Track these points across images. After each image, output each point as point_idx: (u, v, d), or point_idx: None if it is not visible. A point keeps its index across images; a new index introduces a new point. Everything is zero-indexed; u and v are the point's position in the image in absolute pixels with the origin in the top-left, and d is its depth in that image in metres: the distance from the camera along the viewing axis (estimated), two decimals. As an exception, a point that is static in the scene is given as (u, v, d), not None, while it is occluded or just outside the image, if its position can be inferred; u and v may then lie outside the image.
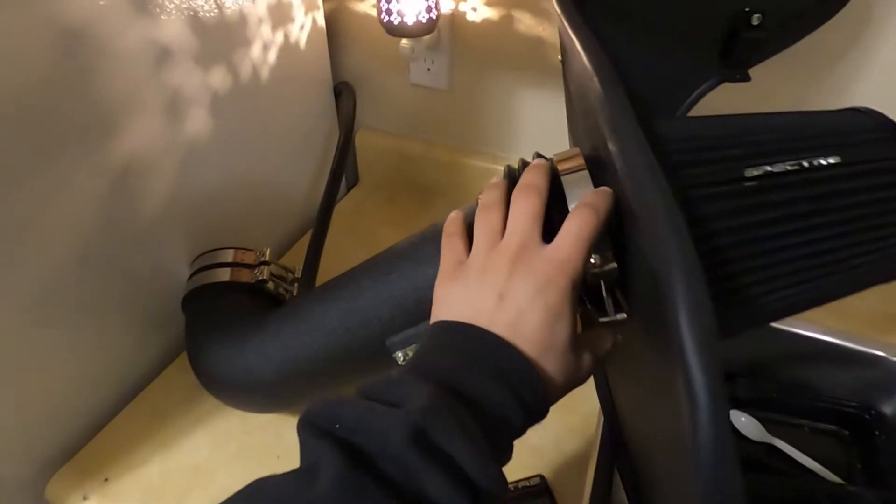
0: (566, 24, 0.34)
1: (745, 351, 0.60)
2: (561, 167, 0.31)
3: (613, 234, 0.28)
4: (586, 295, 0.32)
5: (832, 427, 0.57)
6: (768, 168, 0.27)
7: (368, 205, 0.77)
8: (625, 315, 0.30)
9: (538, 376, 0.24)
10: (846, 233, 0.27)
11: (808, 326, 0.57)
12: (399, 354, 0.35)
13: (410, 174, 0.76)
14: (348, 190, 0.80)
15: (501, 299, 0.25)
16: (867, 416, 0.55)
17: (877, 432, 0.54)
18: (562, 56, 0.41)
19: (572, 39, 0.32)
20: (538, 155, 0.34)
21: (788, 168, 0.27)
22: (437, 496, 0.19)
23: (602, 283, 0.29)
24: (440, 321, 0.26)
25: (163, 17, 0.43)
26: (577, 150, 0.32)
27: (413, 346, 0.34)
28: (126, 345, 0.49)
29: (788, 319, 0.57)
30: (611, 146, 0.25)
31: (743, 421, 0.58)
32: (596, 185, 0.30)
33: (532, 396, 0.24)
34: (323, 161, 0.71)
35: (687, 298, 0.18)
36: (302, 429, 0.21)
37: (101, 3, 0.38)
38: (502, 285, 0.25)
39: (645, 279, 0.25)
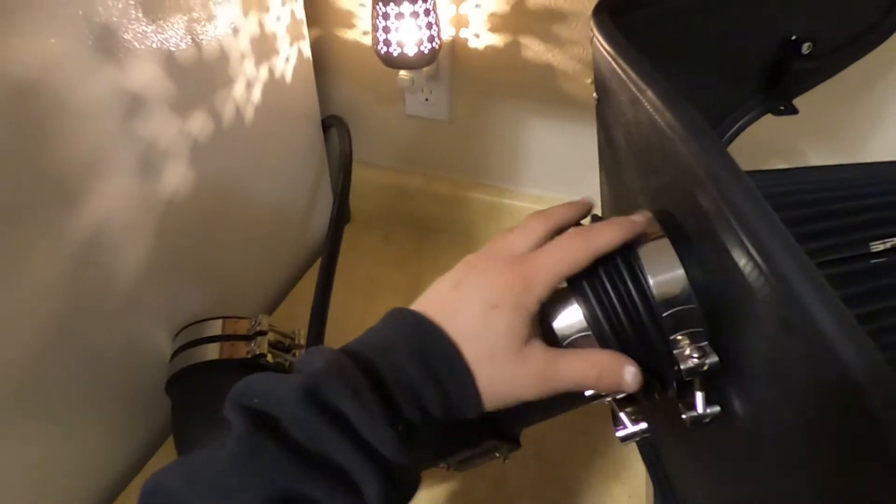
0: (617, 58, 0.30)
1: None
2: (642, 239, 0.26)
3: (716, 319, 0.24)
4: (671, 385, 0.27)
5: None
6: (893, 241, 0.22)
7: (363, 245, 0.71)
8: (718, 409, 0.25)
9: (463, 362, 0.23)
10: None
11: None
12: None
13: (408, 210, 0.71)
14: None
15: (455, 288, 0.25)
16: None
17: None
18: (599, 94, 0.37)
19: (633, 81, 0.27)
20: (597, 217, 0.29)
21: (917, 238, 0.22)
22: (339, 457, 0.20)
23: (696, 379, 0.25)
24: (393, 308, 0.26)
25: (131, 60, 0.37)
26: (646, 210, 0.28)
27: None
28: (103, 438, 0.42)
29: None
30: (720, 205, 0.20)
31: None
32: (682, 261, 0.25)
33: (454, 382, 0.23)
34: (311, 202, 0.65)
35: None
36: (227, 405, 0.22)
37: (57, 50, 0.32)
38: (462, 276, 0.25)
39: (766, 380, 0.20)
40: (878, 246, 0.22)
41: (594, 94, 0.37)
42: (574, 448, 0.49)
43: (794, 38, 0.37)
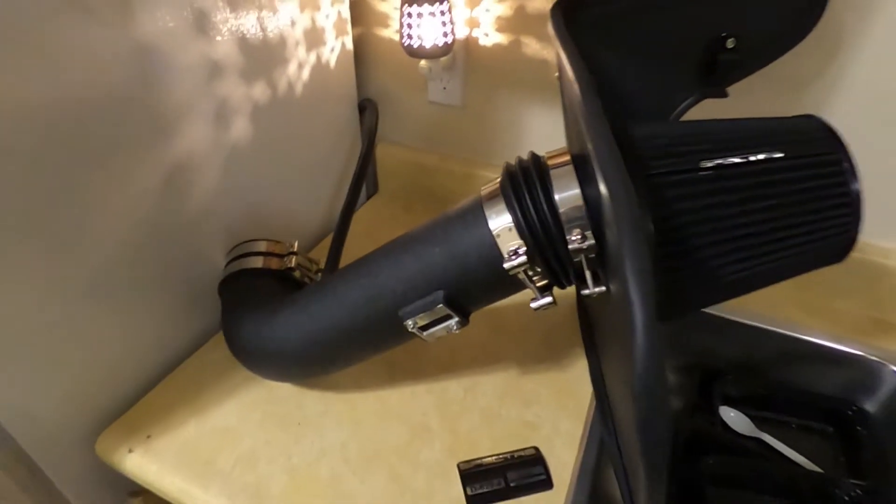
0: (560, 46, 0.40)
1: (736, 351, 0.64)
2: (551, 163, 0.37)
3: (594, 220, 0.34)
4: (571, 272, 0.37)
5: (818, 424, 0.60)
6: (720, 161, 0.32)
7: (386, 213, 0.84)
8: (603, 288, 0.35)
9: None
10: (789, 215, 0.32)
11: (796, 328, 0.61)
12: (409, 322, 0.40)
13: (426, 184, 0.83)
14: (368, 198, 0.87)
15: None
16: (850, 412, 0.58)
17: (859, 427, 0.57)
18: (558, 73, 0.47)
19: (564, 60, 0.38)
20: (532, 153, 0.39)
21: (738, 161, 0.32)
22: None
23: (583, 259, 0.34)
24: None
25: (217, 38, 0.51)
26: (565, 148, 0.38)
27: (422, 312, 0.39)
28: (169, 322, 0.55)
29: (777, 321, 0.61)
30: (588, 144, 0.31)
31: (732, 416, 0.61)
32: (579, 178, 0.35)
33: None
34: (345, 170, 0.78)
35: (632, 242, 0.23)
36: None
37: (170, 24, 0.46)
38: None
39: (614, 252, 0.30)
40: (706, 164, 0.32)
41: (556, 74, 0.48)
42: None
43: (723, 34, 0.47)
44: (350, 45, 0.71)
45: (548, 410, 0.51)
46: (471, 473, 0.46)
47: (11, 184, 0.38)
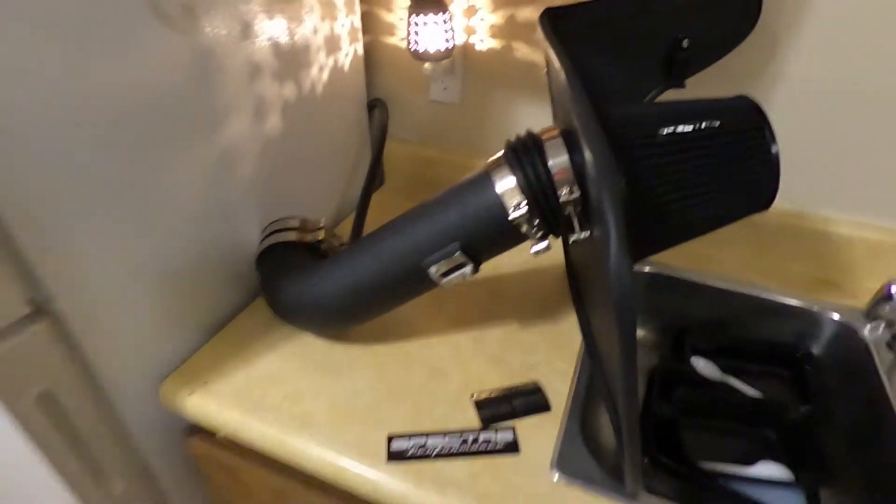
0: (549, 46, 0.50)
1: (704, 310, 0.74)
2: (544, 136, 0.46)
3: (579, 179, 0.43)
4: (561, 220, 0.46)
5: (774, 368, 0.70)
6: (674, 129, 0.42)
7: (393, 202, 0.93)
8: (588, 232, 0.44)
9: None
10: (726, 169, 0.42)
11: (754, 288, 0.71)
12: (432, 269, 0.49)
13: (429, 175, 0.92)
14: (375, 190, 0.96)
15: None
16: (798, 356, 0.68)
17: (807, 367, 0.68)
18: (547, 69, 0.57)
19: (552, 56, 0.48)
20: (529, 130, 0.49)
21: (688, 129, 0.42)
22: None
23: (572, 209, 0.44)
24: None
25: (257, 44, 0.60)
26: (554, 125, 0.48)
27: (442, 260, 0.48)
28: (217, 288, 0.63)
29: (739, 283, 0.71)
30: (574, 120, 0.40)
31: (702, 365, 0.71)
32: (567, 148, 0.45)
33: None
34: (356, 162, 0.87)
35: (611, 186, 0.32)
36: None
37: (223, 33, 0.55)
38: None
39: (597, 205, 0.40)
40: (663, 131, 0.42)
41: (545, 70, 0.57)
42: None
43: (679, 37, 0.57)
44: (361, 51, 0.81)
45: (544, 355, 0.61)
46: (483, 402, 0.55)
47: (102, 160, 0.46)
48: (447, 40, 0.73)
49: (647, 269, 0.74)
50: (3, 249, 0.41)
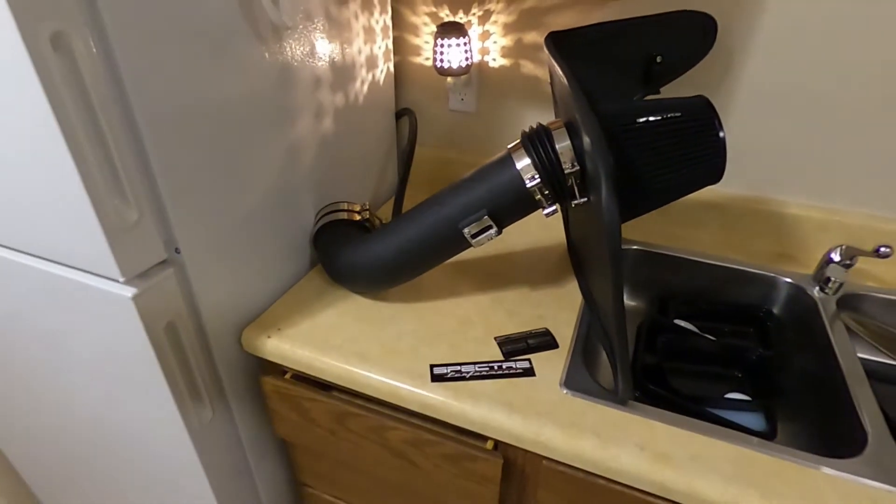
0: (553, 60, 0.65)
1: (685, 280, 0.88)
2: (552, 127, 0.61)
3: (578, 158, 0.58)
4: (566, 189, 0.61)
5: (741, 327, 0.84)
6: (646, 119, 0.57)
7: (417, 198, 1.06)
8: (587, 198, 0.59)
9: None
10: (687, 149, 0.56)
11: (726, 260, 0.85)
12: (466, 230, 0.63)
13: (448, 175, 1.07)
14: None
15: None
16: (761, 314, 0.82)
17: (768, 323, 0.81)
18: (550, 80, 0.72)
19: (556, 67, 0.63)
20: (539, 123, 0.64)
21: (657, 119, 0.57)
22: None
23: (573, 180, 0.59)
24: None
25: (319, 62, 0.75)
26: (556, 120, 0.63)
27: (474, 223, 0.62)
28: (283, 256, 0.77)
29: (713, 256, 0.86)
30: (575, 113, 0.55)
31: (683, 325, 0.85)
32: (569, 135, 0.60)
33: None
34: (384, 161, 1.02)
35: (605, 165, 0.47)
36: None
37: (298, 50, 0.70)
38: None
39: (593, 175, 0.54)
40: (639, 120, 0.56)
41: (549, 80, 0.73)
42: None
43: (654, 54, 0.73)
44: (392, 69, 0.96)
45: (552, 309, 0.74)
46: (504, 340, 0.68)
47: (211, 144, 0.61)
48: (466, 59, 0.89)
49: (634, 247, 0.89)
50: (155, 204, 0.55)
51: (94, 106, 0.46)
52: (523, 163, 0.60)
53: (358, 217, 0.79)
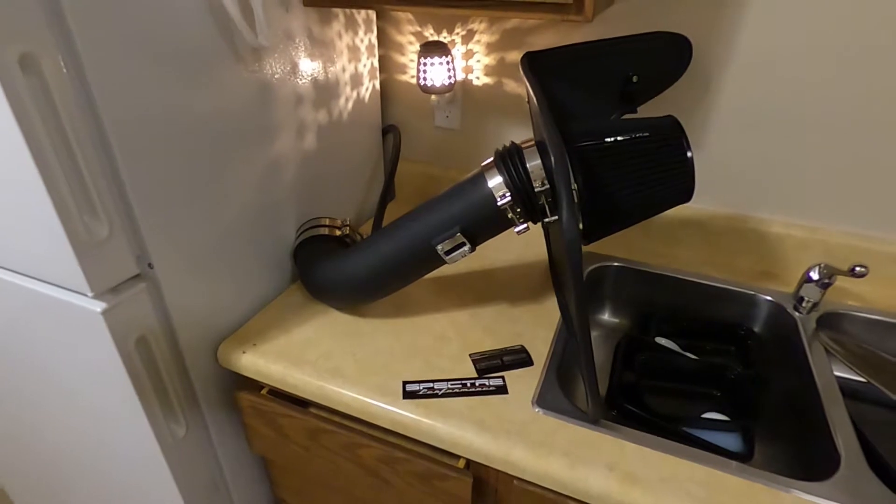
0: (526, 80, 0.66)
1: (666, 297, 0.88)
2: (523, 146, 0.62)
3: (548, 176, 0.58)
4: (537, 206, 0.61)
5: (723, 345, 0.84)
6: (614, 138, 0.57)
7: (402, 213, 1.07)
8: (556, 217, 0.59)
9: None
10: (656, 168, 0.57)
11: (707, 278, 0.85)
12: (439, 247, 0.63)
13: (432, 190, 1.07)
14: (389, 202, 1.11)
15: None
16: (742, 332, 0.82)
17: (749, 341, 0.81)
18: (528, 98, 0.73)
19: (529, 88, 0.64)
20: (512, 141, 0.64)
21: (625, 138, 0.57)
22: None
23: (544, 198, 0.59)
24: None
25: (301, 80, 0.76)
26: (531, 138, 0.63)
27: (447, 240, 0.63)
28: (262, 272, 0.77)
29: (695, 274, 0.86)
30: (544, 134, 0.56)
31: (664, 343, 0.84)
32: (540, 154, 0.60)
33: None
34: (371, 177, 1.03)
35: (565, 183, 0.47)
36: None
37: (278, 69, 0.71)
38: None
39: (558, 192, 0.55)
40: (608, 140, 0.57)
41: (527, 100, 0.73)
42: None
43: (630, 74, 0.73)
44: (378, 86, 0.98)
45: (529, 326, 0.74)
46: (479, 358, 0.68)
47: (185, 161, 0.61)
48: (449, 77, 0.90)
49: (616, 264, 0.89)
50: (127, 220, 0.55)
51: (63, 125, 0.47)
52: (495, 181, 0.61)
53: (338, 232, 0.79)
